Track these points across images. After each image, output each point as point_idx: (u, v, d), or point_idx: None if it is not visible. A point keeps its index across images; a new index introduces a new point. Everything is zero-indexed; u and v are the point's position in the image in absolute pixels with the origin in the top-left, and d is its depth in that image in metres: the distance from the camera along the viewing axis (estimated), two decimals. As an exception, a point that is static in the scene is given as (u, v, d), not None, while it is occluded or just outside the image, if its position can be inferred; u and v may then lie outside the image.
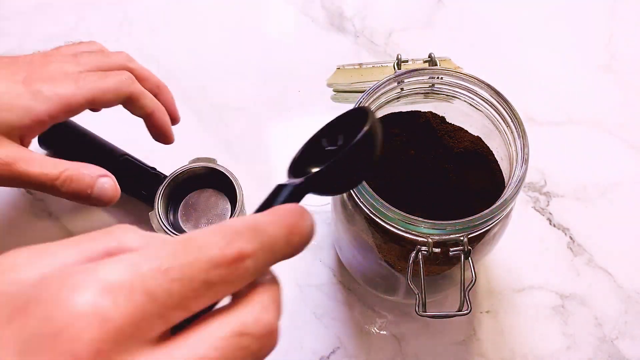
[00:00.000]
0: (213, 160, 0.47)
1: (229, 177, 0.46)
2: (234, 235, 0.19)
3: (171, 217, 0.47)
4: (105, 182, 0.36)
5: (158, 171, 0.48)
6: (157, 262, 0.17)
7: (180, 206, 0.48)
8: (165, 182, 0.46)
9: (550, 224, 0.51)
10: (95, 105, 0.37)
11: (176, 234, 0.43)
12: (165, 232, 0.44)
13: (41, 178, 0.34)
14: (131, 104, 0.39)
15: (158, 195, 0.45)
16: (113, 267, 0.17)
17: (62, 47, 0.41)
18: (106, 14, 0.62)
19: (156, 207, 0.45)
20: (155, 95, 0.42)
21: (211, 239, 0.18)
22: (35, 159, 0.34)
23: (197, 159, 0.47)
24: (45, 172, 0.34)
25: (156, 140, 0.43)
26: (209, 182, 0.48)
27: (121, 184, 0.40)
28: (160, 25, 0.62)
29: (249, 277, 0.19)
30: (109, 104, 0.38)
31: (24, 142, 0.35)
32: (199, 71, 0.58)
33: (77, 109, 0.36)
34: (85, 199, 0.36)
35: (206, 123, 0.55)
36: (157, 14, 0.62)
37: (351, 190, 0.34)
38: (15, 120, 0.33)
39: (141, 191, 0.48)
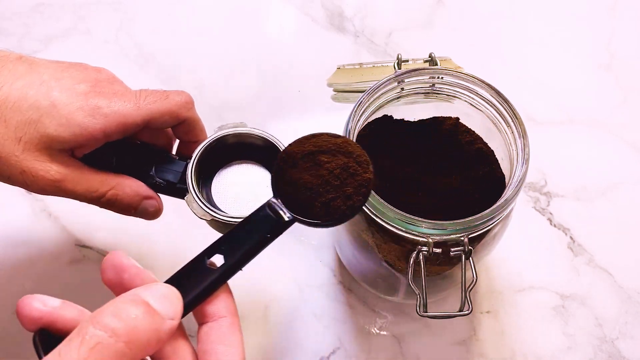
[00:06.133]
0: (243, 124, 0.39)
1: (267, 141, 0.38)
2: None
3: (205, 199, 0.38)
4: (149, 205, 0.37)
5: (172, 155, 0.40)
6: None
7: (212, 185, 0.40)
8: (193, 159, 0.38)
9: (551, 224, 0.51)
10: (151, 125, 0.36)
11: (225, 216, 0.36)
12: (211, 214, 0.36)
13: (86, 196, 0.35)
14: (182, 127, 0.38)
15: (189, 176, 0.37)
16: None
17: None
18: (106, 14, 0.62)
19: (192, 189, 0.36)
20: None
21: None
22: (82, 176, 0.35)
23: (223, 126, 0.40)
24: (91, 191, 0.35)
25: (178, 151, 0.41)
26: (237, 153, 0.40)
27: (131, 171, 0.38)
28: (160, 25, 0.61)
29: None
30: (165, 125, 0.37)
31: (77, 154, 0.35)
32: (199, 71, 0.58)
33: (133, 129, 0.35)
34: (128, 215, 0.37)
35: (206, 123, 0.54)
36: (157, 14, 0.62)
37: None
38: (70, 136, 0.33)
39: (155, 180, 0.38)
